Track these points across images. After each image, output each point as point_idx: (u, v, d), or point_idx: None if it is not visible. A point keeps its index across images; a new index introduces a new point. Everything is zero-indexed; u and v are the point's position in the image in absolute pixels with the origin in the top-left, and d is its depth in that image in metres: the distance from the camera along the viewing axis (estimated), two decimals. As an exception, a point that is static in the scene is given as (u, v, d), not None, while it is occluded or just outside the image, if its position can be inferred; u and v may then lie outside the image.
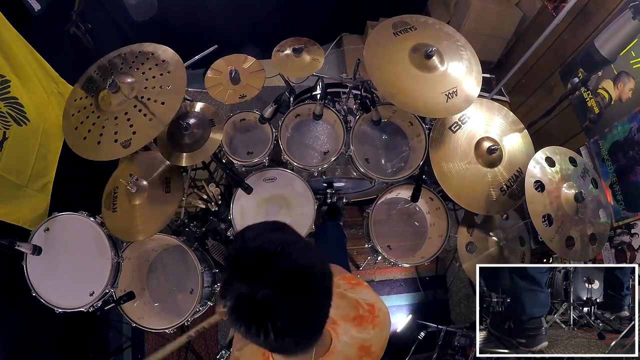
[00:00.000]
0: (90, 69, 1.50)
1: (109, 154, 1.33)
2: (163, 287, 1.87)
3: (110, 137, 1.33)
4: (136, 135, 1.33)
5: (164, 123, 1.34)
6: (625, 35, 1.84)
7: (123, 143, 1.32)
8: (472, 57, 1.56)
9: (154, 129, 1.33)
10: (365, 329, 0.88)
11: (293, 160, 1.73)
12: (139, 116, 1.35)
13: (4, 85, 1.52)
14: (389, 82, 1.45)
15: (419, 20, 1.58)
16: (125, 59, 1.48)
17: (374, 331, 0.89)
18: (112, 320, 2.31)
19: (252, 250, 0.63)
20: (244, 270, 0.62)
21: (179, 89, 1.38)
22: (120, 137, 1.33)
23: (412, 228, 2.08)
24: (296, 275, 0.62)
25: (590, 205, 1.55)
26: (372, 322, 0.89)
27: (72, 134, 1.37)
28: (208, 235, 2.15)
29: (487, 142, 1.64)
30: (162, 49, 1.49)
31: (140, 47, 1.50)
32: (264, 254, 0.62)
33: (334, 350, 0.82)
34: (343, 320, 0.87)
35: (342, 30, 3.15)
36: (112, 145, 1.32)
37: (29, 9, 1.62)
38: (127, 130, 1.34)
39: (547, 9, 2.39)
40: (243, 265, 0.63)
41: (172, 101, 1.36)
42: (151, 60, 1.45)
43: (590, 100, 2.08)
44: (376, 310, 0.92)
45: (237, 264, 0.63)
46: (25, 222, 1.63)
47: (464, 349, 2.10)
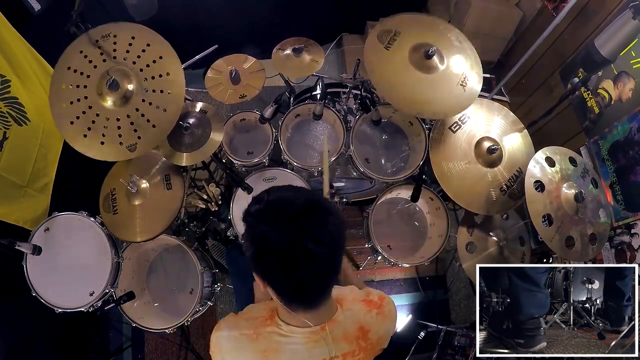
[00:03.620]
0: (74, 46, 1.37)
1: (115, 155, 1.34)
2: (163, 287, 1.87)
3: (115, 139, 1.33)
4: (141, 141, 1.33)
5: (167, 128, 1.36)
6: (625, 35, 1.84)
7: (129, 147, 1.32)
8: (459, 35, 1.56)
9: (158, 134, 1.35)
10: (370, 312, 0.94)
11: (293, 160, 1.73)
12: (142, 120, 1.35)
13: (4, 85, 1.52)
14: (411, 100, 1.44)
15: (399, 21, 1.55)
16: (117, 43, 1.38)
17: (376, 318, 0.94)
18: (112, 320, 2.31)
19: (274, 202, 0.74)
20: (270, 217, 0.71)
21: (178, 94, 1.38)
22: (125, 140, 1.33)
23: (412, 228, 2.08)
24: (317, 207, 0.73)
25: (590, 205, 1.55)
26: (378, 308, 0.96)
27: (68, 126, 1.34)
28: (208, 235, 2.16)
29: (487, 142, 1.63)
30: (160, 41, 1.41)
31: (136, 32, 1.40)
32: (285, 201, 0.73)
33: (336, 319, 0.88)
34: (352, 299, 0.95)
35: (342, 30, 3.14)
36: (118, 147, 1.32)
37: (29, 9, 1.62)
38: (132, 134, 1.34)
39: (547, 9, 2.39)
40: (269, 213, 0.72)
41: (172, 107, 1.37)
42: (148, 54, 1.40)
43: (590, 100, 2.08)
44: (385, 302, 0.98)
45: (262, 213, 0.73)
46: (26, 222, 1.63)
47: (464, 349, 2.10)
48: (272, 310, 0.90)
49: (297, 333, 0.85)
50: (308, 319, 0.84)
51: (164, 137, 1.40)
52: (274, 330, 0.86)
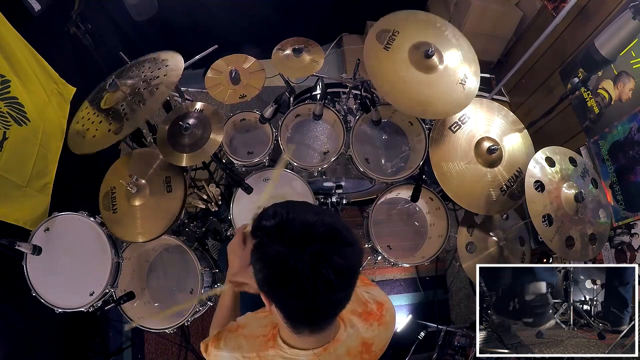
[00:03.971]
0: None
1: (102, 143, 1.35)
2: (163, 287, 1.87)
3: (105, 127, 1.35)
4: (127, 122, 1.34)
5: (154, 107, 1.37)
6: (625, 35, 1.85)
7: (115, 130, 1.33)
8: (455, 32, 1.56)
9: (144, 112, 1.36)
10: (371, 325, 0.90)
11: (293, 161, 1.73)
12: (130, 104, 1.36)
13: (4, 85, 1.52)
14: (414, 101, 1.44)
15: (395, 20, 1.55)
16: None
17: (378, 330, 0.90)
18: (112, 320, 2.31)
19: (293, 221, 0.67)
20: (287, 237, 0.66)
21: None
22: (114, 126, 1.35)
23: (412, 228, 2.08)
24: (339, 235, 0.68)
25: (590, 205, 1.55)
26: (378, 320, 0.91)
27: (78, 141, 1.38)
28: (208, 235, 2.16)
29: (487, 142, 1.63)
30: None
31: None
32: (306, 223, 0.67)
33: (339, 338, 0.84)
34: (351, 313, 0.90)
35: (342, 30, 3.15)
36: (106, 134, 1.34)
37: (29, 9, 1.62)
38: (120, 117, 1.35)
39: (547, 9, 2.39)
40: (286, 233, 0.66)
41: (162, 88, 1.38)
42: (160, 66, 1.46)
43: (590, 100, 2.08)
44: (384, 310, 0.94)
45: (279, 232, 0.67)
46: (26, 222, 1.63)
47: (464, 349, 2.10)
48: (274, 327, 0.88)
49: (301, 356, 0.82)
50: (312, 342, 0.82)
51: (152, 111, 1.40)
52: (277, 354, 0.83)
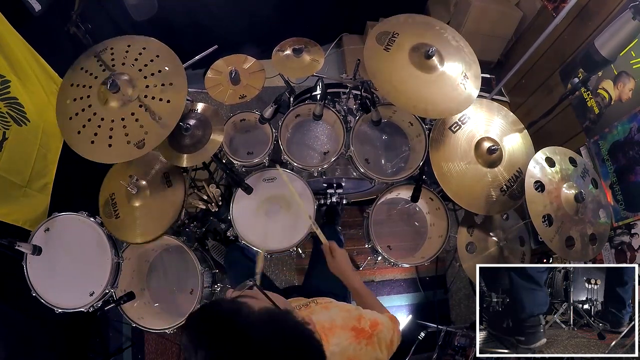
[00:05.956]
0: (75, 65, 1.45)
1: (124, 155, 1.33)
2: (163, 287, 1.87)
3: (122, 139, 1.33)
4: (148, 135, 1.33)
5: (172, 123, 1.35)
6: (625, 35, 1.84)
7: (137, 144, 1.32)
8: (455, 34, 1.56)
9: (165, 127, 1.34)
10: (359, 344, 0.88)
11: (293, 161, 1.73)
12: (146, 115, 1.34)
13: (4, 85, 1.52)
14: (416, 101, 1.44)
15: (396, 22, 1.55)
16: (114, 53, 1.45)
17: (365, 349, 0.89)
18: (112, 320, 2.31)
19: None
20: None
21: (180, 86, 1.39)
22: (132, 137, 1.32)
23: (412, 228, 2.08)
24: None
25: (590, 205, 1.55)
26: (368, 339, 0.90)
27: (76, 138, 1.35)
28: (208, 235, 2.16)
29: (487, 142, 1.64)
30: (154, 42, 1.46)
31: (130, 40, 1.47)
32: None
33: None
34: (341, 328, 0.88)
35: (342, 30, 3.15)
36: (126, 146, 1.32)
37: (29, 9, 1.61)
38: (139, 130, 1.33)
39: (547, 9, 2.39)
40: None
41: (176, 99, 1.37)
42: (145, 55, 1.43)
43: (590, 101, 2.08)
44: (376, 332, 0.91)
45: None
46: (25, 222, 1.63)
47: (464, 349, 2.10)
48: None
49: None
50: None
51: (172, 127, 1.38)
52: None
